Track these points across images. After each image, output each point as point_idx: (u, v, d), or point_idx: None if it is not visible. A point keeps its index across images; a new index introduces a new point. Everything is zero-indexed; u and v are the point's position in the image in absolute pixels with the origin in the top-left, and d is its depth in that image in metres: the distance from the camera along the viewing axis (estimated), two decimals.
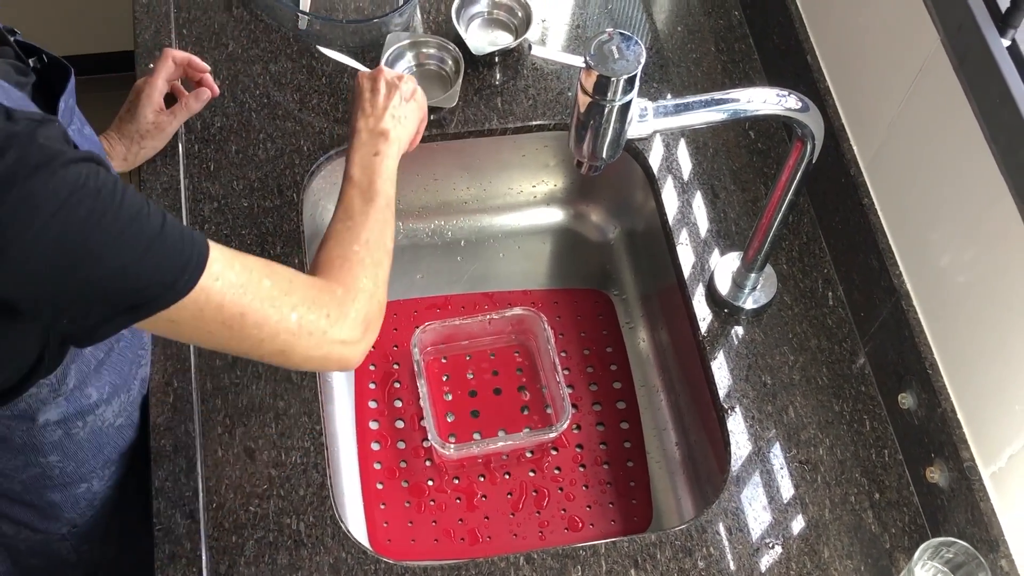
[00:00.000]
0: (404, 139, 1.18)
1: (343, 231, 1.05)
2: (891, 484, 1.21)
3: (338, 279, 1.00)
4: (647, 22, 1.55)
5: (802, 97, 1.03)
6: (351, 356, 1.00)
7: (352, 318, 0.98)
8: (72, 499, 1.13)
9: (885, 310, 1.24)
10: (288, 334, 0.93)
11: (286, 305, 0.92)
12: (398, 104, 1.18)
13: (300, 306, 0.93)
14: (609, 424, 1.40)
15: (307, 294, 0.95)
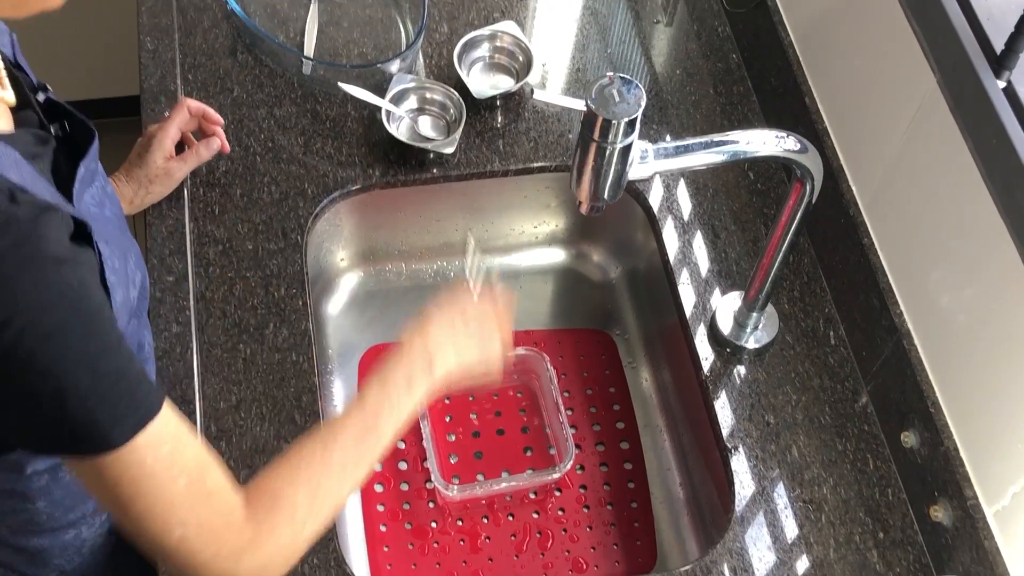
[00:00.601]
0: (443, 382, 1.04)
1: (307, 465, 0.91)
2: (895, 523, 1.21)
3: (259, 521, 0.87)
4: (646, 65, 1.57)
5: (801, 139, 1.05)
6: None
7: (250, 562, 0.86)
8: (60, 545, 1.10)
9: (887, 349, 1.24)
10: (163, 542, 0.83)
11: (179, 518, 0.82)
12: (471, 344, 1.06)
13: (192, 528, 0.83)
14: (612, 464, 1.40)
15: (209, 521, 0.84)
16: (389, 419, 0.97)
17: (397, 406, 0.98)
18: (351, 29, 1.55)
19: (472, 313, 1.08)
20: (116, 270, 0.90)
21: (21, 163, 0.78)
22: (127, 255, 0.95)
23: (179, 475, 0.82)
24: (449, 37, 1.54)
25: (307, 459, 0.92)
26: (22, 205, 0.73)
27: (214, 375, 1.25)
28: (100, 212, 0.92)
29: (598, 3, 1.62)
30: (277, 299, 1.31)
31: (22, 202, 0.73)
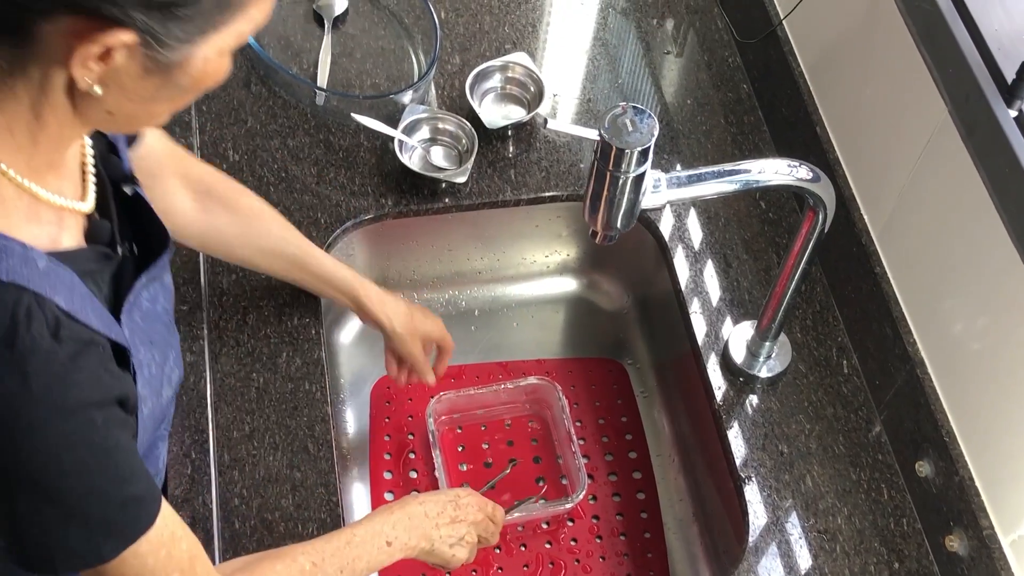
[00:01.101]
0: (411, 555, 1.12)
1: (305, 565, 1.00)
2: (910, 553, 1.20)
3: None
4: (657, 96, 1.57)
5: (813, 167, 1.05)
6: None
7: None
8: None
9: (900, 378, 1.24)
10: None
11: None
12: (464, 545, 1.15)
13: None
14: (625, 494, 1.40)
15: None
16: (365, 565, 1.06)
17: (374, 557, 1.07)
18: (364, 60, 1.57)
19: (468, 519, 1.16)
20: (152, 377, 0.92)
21: (75, 285, 0.81)
22: (168, 353, 0.97)
23: (173, 571, 0.87)
24: (461, 68, 1.55)
25: (297, 568, 1.00)
26: (64, 343, 0.76)
27: (227, 404, 1.25)
28: (152, 307, 0.93)
29: (608, 34, 1.63)
30: (290, 328, 1.31)
31: (64, 339, 0.76)
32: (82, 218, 0.87)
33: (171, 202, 1.15)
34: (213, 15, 0.74)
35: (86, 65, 0.73)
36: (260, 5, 0.78)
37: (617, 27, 1.64)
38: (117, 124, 0.82)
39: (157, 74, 0.76)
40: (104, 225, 0.88)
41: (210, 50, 0.76)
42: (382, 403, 1.45)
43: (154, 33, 0.72)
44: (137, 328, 0.89)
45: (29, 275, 0.76)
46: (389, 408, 1.45)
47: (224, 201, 1.20)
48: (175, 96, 0.79)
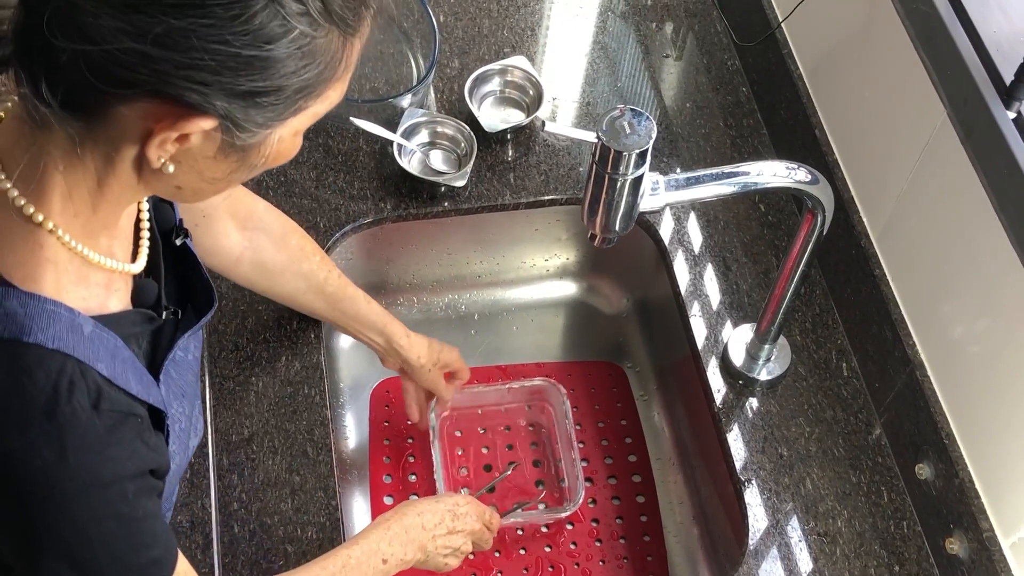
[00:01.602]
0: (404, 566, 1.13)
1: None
2: (911, 556, 1.20)
3: None
4: (656, 99, 1.57)
5: (812, 170, 1.05)
6: None
7: None
8: None
9: (900, 381, 1.24)
10: None
11: None
12: (459, 555, 1.17)
13: None
14: (625, 498, 1.39)
15: None
16: (350, 568, 1.06)
17: (363, 561, 1.07)
18: (363, 64, 1.57)
19: (465, 530, 1.16)
20: (181, 432, 0.92)
21: (118, 350, 0.81)
22: (195, 403, 0.97)
23: None
24: (460, 72, 1.55)
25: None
26: (103, 415, 0.76)
27: (226, 408, 1.25)
28: (184, 357, 0.93)
29: (607, 38, 1.63)
30: (289, 332, 1.31)
31: (104, 410, 0.76)
32: (130, 278, 0.87)
33: (223, 243, 1.15)
34: (295, 101, 0.74)
35: (163, 147, 0.72)
36: (338, 87, 0.77)
37: (616, 31, 1.64)
38: (182, 196, 0.81)
39: (233, 155, 0.76)
40: (151, 287, 0.88)
41: (286, 131, 0.77)
42: (381, 407, 1.45)
43: (235, 120, 0.72)
44: (172, 383, 0.90)
45: (75, 342, 0.76)
46: (388, 412, 1.45)
47: (273, 237, 1.19)
48: (247, 174, 0.79)
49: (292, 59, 0.71)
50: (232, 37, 0.68)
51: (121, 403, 0.79)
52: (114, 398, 0.78)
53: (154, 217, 0.91)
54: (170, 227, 0.94)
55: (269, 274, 1.21)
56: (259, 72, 0.70)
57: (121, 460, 0.78)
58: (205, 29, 0.68)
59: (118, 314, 0.83)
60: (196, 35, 0.67)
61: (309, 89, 0.74)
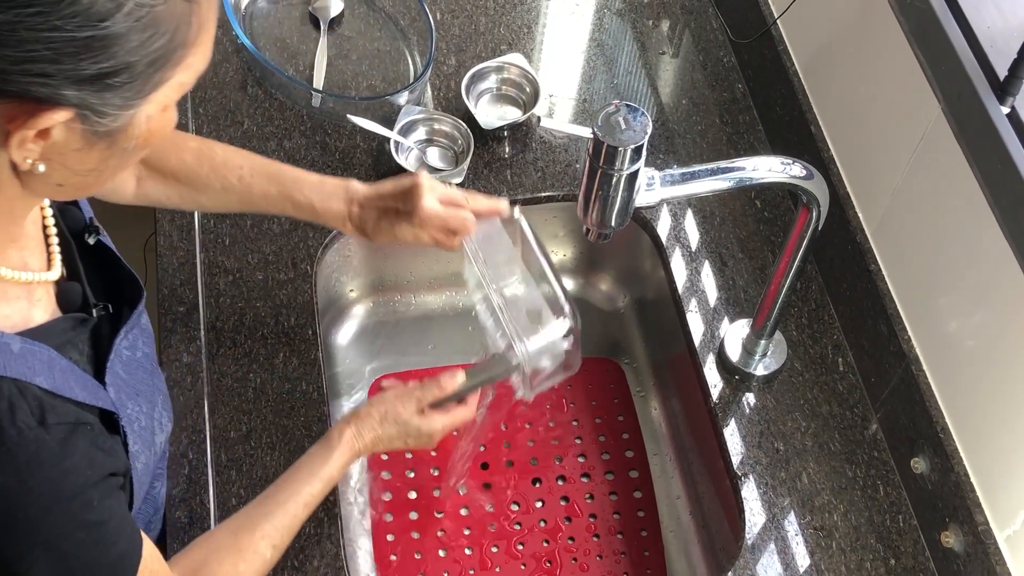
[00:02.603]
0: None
1: (251, 563, 1.00)
2: (906, 550, 1.20)
3: None
4: (652, 96, 1.58)
5: (806, 165, 1.05)
6: None
7: None
8: None
9: (895, 375, 1.24)
10: None
11: None
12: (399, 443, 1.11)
13: None
14: (622, 493, 1.40)
15: None
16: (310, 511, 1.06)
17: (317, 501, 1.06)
18: (360, 62, 1.57)
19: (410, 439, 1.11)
20: (143, 430, 0.92)
21: (54, 361, 0.80)
22: (155, 399, 0.97)
23: None
24: (457, 69, 1.56)
25: (259, 561, 1.00)
26: (51, 429, 0.76)
27: (224, 404, 1.25)
28: (133, 356, 0.93)
29: (604, 35, 1.64)
30: (287, 329, 1.32)
31: (51, 424, 0.76)
32: (52, 286, 0.85)
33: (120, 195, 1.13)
34: (150, 76, 0.71)
35: (23, 147, 0.70)
36: (198, 53, 0.74)
37: (612, 28, 1.64)
38: (68, 193, 0.79)
39: (100, 143, 0.73)
40: (74, 289, 0.87)
41: (152, 108, 0.73)
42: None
43: (91, 106, 0.69)
44: (122, 384, 0.89)
45: (6, 362, 0.75)
46: None
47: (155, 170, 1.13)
48: (122, 158, 0.76)
49: (134, 33, 0.67)
50: (62, 22, 0.65)
51: (68, 413, 0.78)
52: (60, 410, 0.77)
53: (62, 220, 0.89)
54: (81, 227, 0.92)
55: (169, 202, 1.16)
56: (101, 52, 0.67)
57: (80, 470, 0.77)
58: (32, 18, 0.64)
59: (45, 325, 0.82)
60: (23, 26, 0.64)
61: (162, 60, 0.70)
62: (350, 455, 1.08)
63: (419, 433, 1.10)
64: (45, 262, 0.86)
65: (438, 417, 1.10)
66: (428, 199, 1.10)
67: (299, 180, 1.14)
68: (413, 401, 1.09)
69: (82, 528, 0.79)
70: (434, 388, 1.10)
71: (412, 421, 1.09)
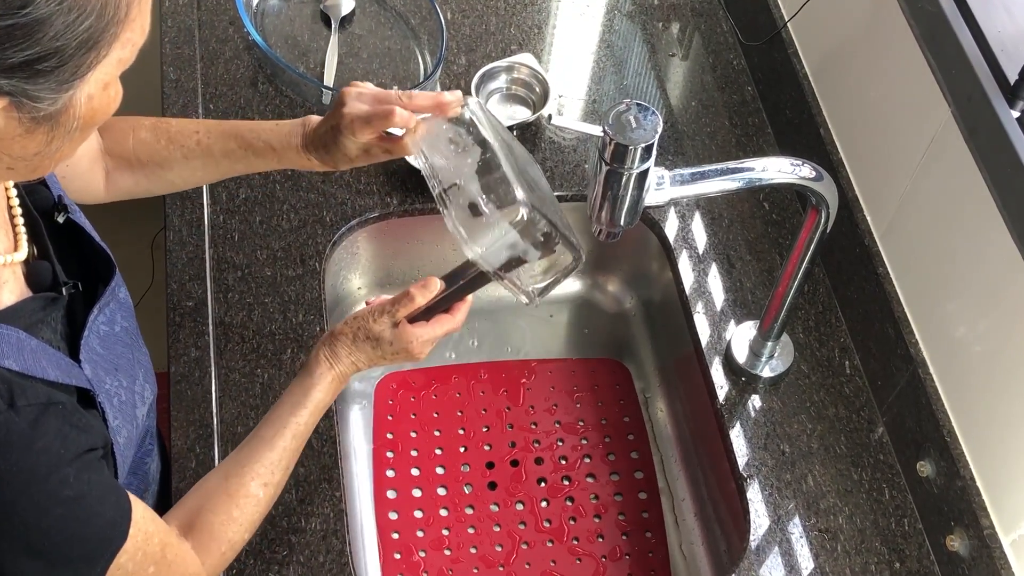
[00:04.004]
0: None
1: (247, 505, 1.00)
2: (911, 553, 1.20)
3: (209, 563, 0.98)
4: (662, 98, 1.58)
5: (816, 166, 1.05)
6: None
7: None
8: None
9: (902, 379, 1.24)
10: None
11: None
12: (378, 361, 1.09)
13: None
14: (627, 494, 1.40)
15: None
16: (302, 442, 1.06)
17: (308, 430, 1.07)
18: (371, 60, 1.58)
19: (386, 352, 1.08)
20: (123, 404, 0.92)
21: (23, 342, 0.80)
22: (136, 372, 0.96)
23: (149, 565, 0.89)
24: (467, 69, 1.56)
25: (253, 502, 1.01)
26: (21, 411, 0.75)
27: (232, 399, 1.26)
28: (111, 330, 0.92)
29: (614, 36, 1.64)
30: (295, 325, 1.32)
31: (20, 407, 0.75)
32: (19, 267, 0.85)
33: (92, 194, 1.12)
34: (82, 57, 0.69)
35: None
36: (135, 27, 0.72)
37: (623, 30, 1.65)
38: (21, 175, 0.78)
39: (42, 127, 0.72)
40: (44, 267, 0.86)
41: (92, 87, 0.72)
42: (385, 401, 1.45)
43: (24, 93, 0.68)
44: (99, 360, 0.89)
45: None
46: (392, 406, 1.45)
47: (118, 157, 1.12)
48: (68, 139, 0.75)
49: (57, 16, 0.65)
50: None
51: (39, 394, 0.78)
52: (30, 391, 0.77)
53: (29, 200, 0.89)
54: (50, 206, 0.92)
55: (138, 192, 1.15)
56: (26, 39, 0.65)
57: (53, 450, 0.77)
58: None
59: (14, 306, 0.82)
60: None
61: (93, 41, 0.68)
62: (330, 378, 1.07)
63: (396, 349, 1.07)
64: (12, 243, 0.86)
65: (417, 329, 1.06)
66: (351, 103, 1.04)
67: (255, 128, 1.10)
68: (386, 316, 1.06)
69: (60, 504, 0.79)
70: (406, 300, 1.06)
71: (385, 335, 1.06)
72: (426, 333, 1.07)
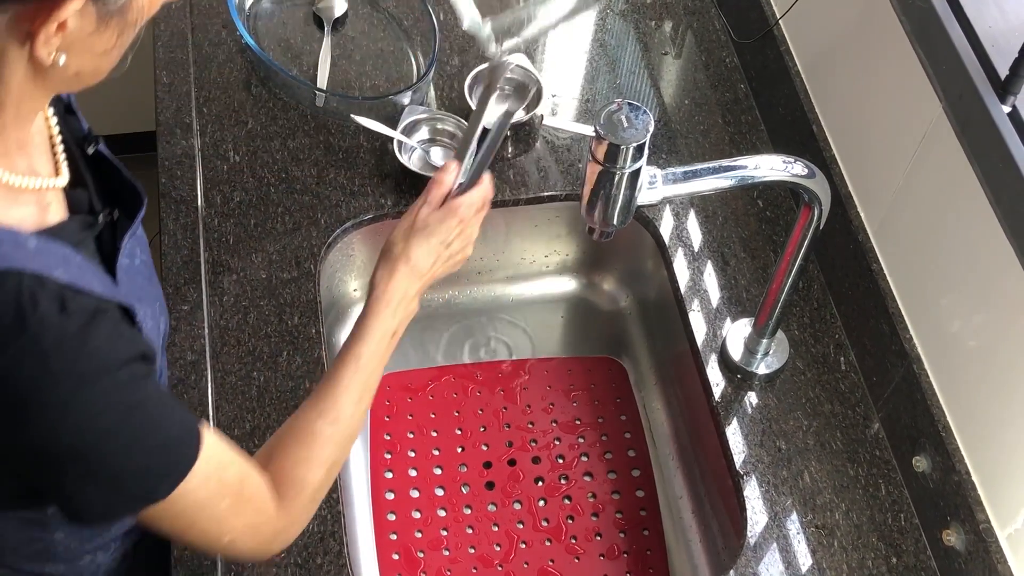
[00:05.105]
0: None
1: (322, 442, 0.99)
2: (908, 548, 1.21)
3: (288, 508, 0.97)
4: (655, 96, 1.58)
5: (808, 164, 1.06)
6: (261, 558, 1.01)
7: (277, 544, 0.98)
8: (75, 572, 1.11)
9: (897, 374, 1.25)
10: (217, 547, 0.95)
11: (228, 528, 0.92)
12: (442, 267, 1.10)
13: (239, 532, 0.93)
14: (624, 492, 1.40)
15: (250, 523, 0.94)
16: (378, 373, 1.05)
17: (384, 358, 1.05)
18: (363, 62, 1.58)
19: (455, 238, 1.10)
20: (150, 331, 0.93)
21: (70, 257, 0.81)
22: (154, 303, 0.97)
23: (224, 496, 0.90)
24: (460, 69, 1.56)
25: (323, 436, 0.99)
26: (72, 315, 0.77)
27: (228, 402, 1.26)
28: (131, 263, 0.93)
29: (607, 35, 1.64)
30: (291, 327, 1.32)
31: (72, 311, 0.77)
32: (60, 193, 0.87)
33: None
34: None
35: (48, 43, 0.73)
36: None
37: (615, 28, 1.65)
38: (84, 82, 0.81)
39: (111, 21, 0.76)
40: (81, 195, 0.89)
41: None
42: (382, 403, 1.46)
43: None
44: (129, 288, 0.90)
45: (23, 258, 0.77)
46: (389, 407, 1.45)
47: None
48: (132, 33, 0.80)
49: None
50: None
51: (88, 303, 0.79)
52: (79, 299, 0.78)
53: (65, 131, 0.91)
54: (81, 137, 0.94)
55: None
56: None
57: (104, 351, 0.78)
58: None
59: (58, 225, 0.84)
60: None
61: None
62: (385, 300, 1.05)
63: (448, 227, 1.08)
64: (52, 169, 0.88)
65: (458, 199, 1.09)
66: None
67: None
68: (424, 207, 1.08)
69: (114, 409, 0.79)
70: (433, 187, 1.09)
71: (433, 218, 1.08)
72: (467, 198, 1.09)
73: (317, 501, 1.00)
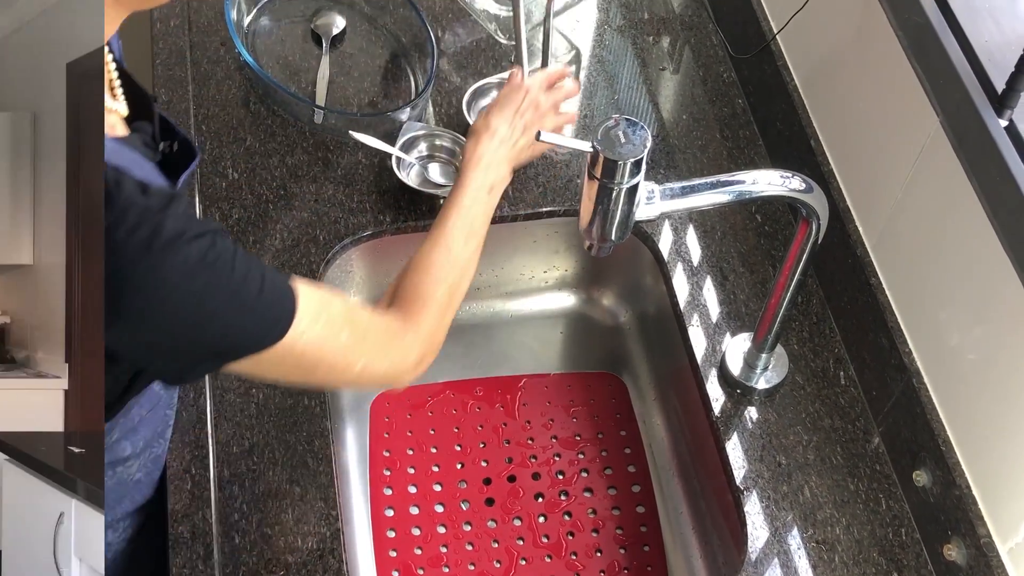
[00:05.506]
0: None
1: (437, 265, 1.11)
2: (909, 563, 1.20)
3: (415, 321, 1.06)
4: (653, 111, 1.59)
5: (806, 178, 1.06)
6: (397, 386, 1.15)
7: (412, 362, 1.05)
8: None
9: (897, 388, 1.24)
10: (352, 377, 1.01)
11: (356, 356, 0.98)
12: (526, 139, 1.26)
13: (369, 356, 1.00)
14: (625, 508, 1.40)
15: (378, 344, 1.01)
16: (482, 223, 1.18)
17: (486, 211, 1.19)
18: (362, 79, 1.58)
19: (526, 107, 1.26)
20: None
21: (141, 162, 0.88)
22: None
23: (340, 331, 0.96)
24: (458, 86, 1.57)
25: (437, 261, 1.11)
26: (152, 196, 0.82)
27: (227, 420, 1.26)
28: None
29: (605, 51, 1.65)
30: None
31: (152, 193, 0.82)
32: (122, 120, 0.93)
33: None
34: None
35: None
36: None
37: (613, 44, 1.65)
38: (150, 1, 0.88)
39: None
40: (145, 126, 0.95)
41: None
42: (381, 419, 1.45)
43: None
44: None
45: (110, 155, 0.83)
46: (388, 424, 1.45)
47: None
48: None
49: None
50: None
51: (164, 189, 0.85)
52: (156, 188, 0.83)
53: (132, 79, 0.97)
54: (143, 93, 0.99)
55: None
56: None
57: (184, 219, 0.82)
58: None
59: (126, 136, 0.92)
60: None
61: None
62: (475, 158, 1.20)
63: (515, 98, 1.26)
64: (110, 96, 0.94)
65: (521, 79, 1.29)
66: None
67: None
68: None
69: (206, 267, 0.83)
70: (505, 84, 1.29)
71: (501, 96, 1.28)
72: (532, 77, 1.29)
73: (444, 320, 1.09)
